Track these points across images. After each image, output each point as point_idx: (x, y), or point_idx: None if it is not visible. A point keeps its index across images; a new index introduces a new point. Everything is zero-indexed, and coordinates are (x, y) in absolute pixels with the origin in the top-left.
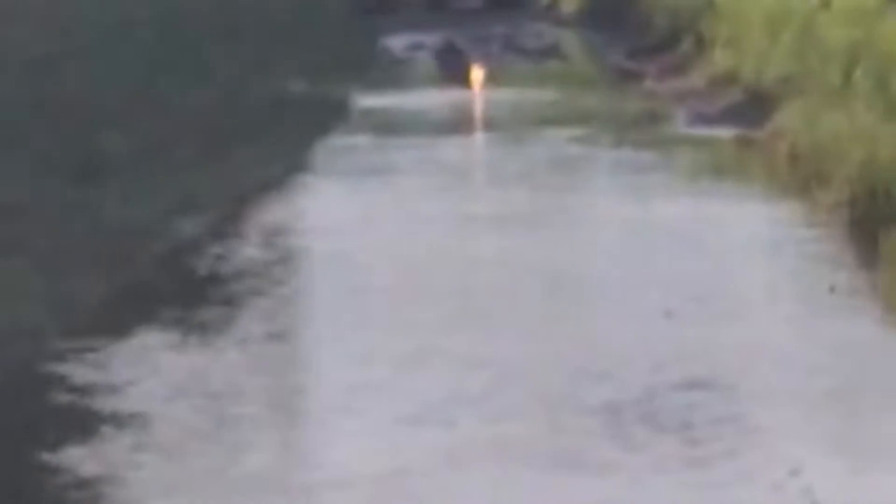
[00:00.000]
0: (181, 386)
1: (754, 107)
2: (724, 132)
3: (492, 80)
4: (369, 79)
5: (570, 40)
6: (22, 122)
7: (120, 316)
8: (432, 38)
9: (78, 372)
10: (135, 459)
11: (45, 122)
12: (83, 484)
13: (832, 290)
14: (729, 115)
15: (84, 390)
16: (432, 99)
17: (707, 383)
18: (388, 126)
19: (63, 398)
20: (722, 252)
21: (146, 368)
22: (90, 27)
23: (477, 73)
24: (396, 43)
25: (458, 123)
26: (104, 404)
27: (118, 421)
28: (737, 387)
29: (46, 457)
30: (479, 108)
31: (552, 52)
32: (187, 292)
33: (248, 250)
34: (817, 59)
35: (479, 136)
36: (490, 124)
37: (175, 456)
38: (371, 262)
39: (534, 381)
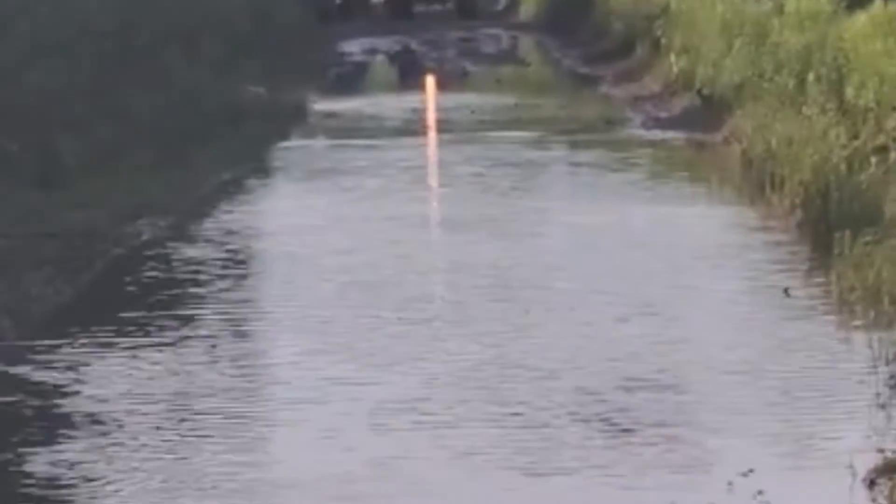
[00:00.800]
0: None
1: (709, 111)
2: (679, 136)
3: (448, 84)
4: (326, 83)
5: (526, 45)
6: None
7: (76, 318)
8: (389, 43)
9: (34, 371)
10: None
11: (3, 126)
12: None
13: (786, 292)
14: (684, 120)
15: (37, 387)
16: (388, 103)
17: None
18: (344, 130)
19: (22, 404)
20: (676, 256)
21: (100, 367)
22: (47, 33)
23: (433, 78)
24: (354, 48)
25: (414, 127)
26: (59, 402)
27: (75, 420)
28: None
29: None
30: (434, 112)
31: (509, 56)
32: (144, 294)
33: (205, 252)
34: (771, 63)
35: (435, 140)
36: (445, 128)
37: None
38: (325, 263)
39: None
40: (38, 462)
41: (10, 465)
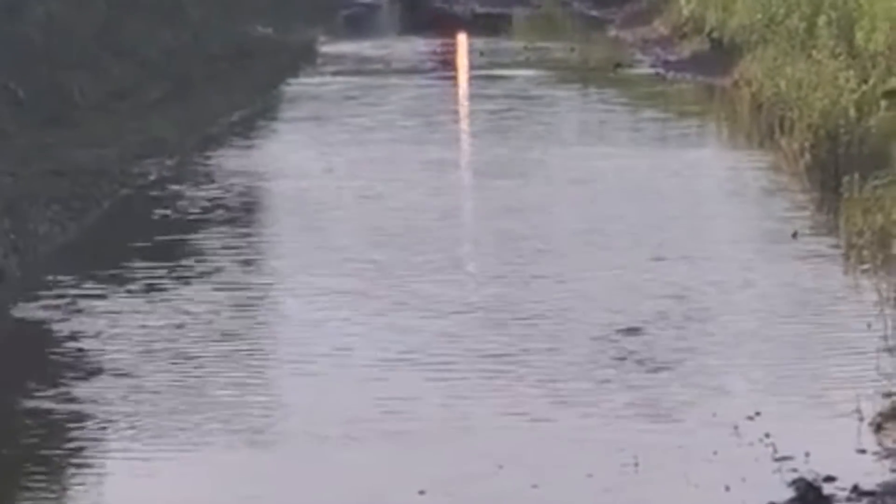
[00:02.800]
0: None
1: (718, 55)
2: (689, 79)
3: (457, 28)
4: (336, 25)
5: None
6: None
7: (81, 256)
8: None
9: (42, 311)
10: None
11: (12, 64)
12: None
13: (795, 235)
14: (693, 64)
15: (42, 322)
16: (399, 46)
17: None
18: (353, 72)
19: (26, 338)
20: (691, 200)
21: (117, 306)
22: None
23: (442, 21)
24: None
25: (425, 68)
26: (75, 343)
27: (96, 357)
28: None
29: (16, 400)
30: (444, 55)
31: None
32: (148, 234)
33: (212, 192)
34: (781, 7)
35: (448, 79)
36: (457, 68)
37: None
38: (328, 201)
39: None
40: (45, 396)
41: (16, 397)
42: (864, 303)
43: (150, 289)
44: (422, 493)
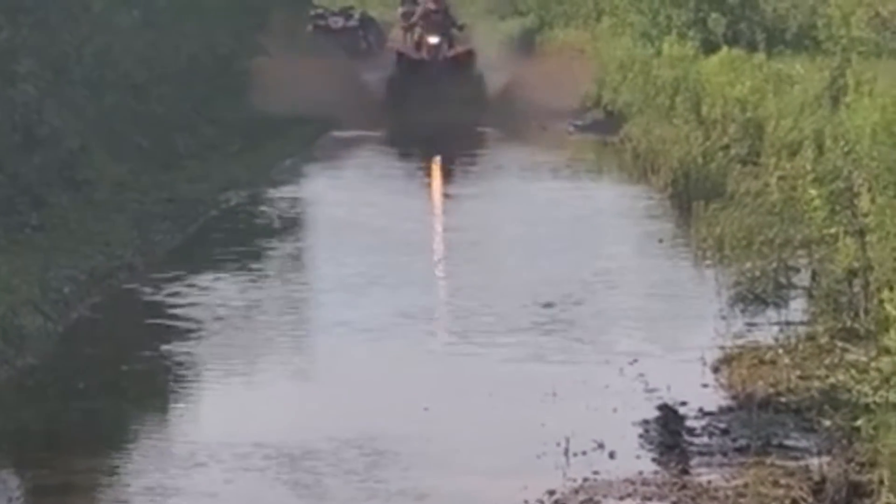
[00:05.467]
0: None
1: (611, 121)
2: (591, 137)
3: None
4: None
5: None
6: (127, 128)
7: (185, 255)
8: None
9: (163, 293)
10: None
11: (140, 128)
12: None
13: (661, 241)
14: (594, 126)
15: (170, 305)
16: None
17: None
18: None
19: (154, 311)
20: (586, 214)
21: (210, 288)
22: (170, 62)
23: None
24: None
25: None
26: (187, 314)
27: (197, 322)
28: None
29: (153, 350)
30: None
31: None
32: (231, 239)
33: (273, 212)
34: (652, 90)
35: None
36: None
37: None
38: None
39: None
40: (160, 348)
41: (142, 348)
42: (706, 286)
43: (233, 277)
44: (425, 409)
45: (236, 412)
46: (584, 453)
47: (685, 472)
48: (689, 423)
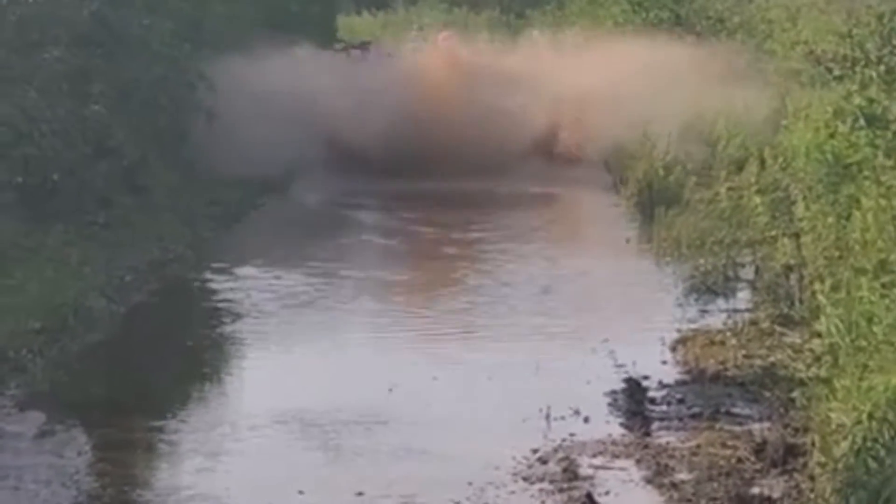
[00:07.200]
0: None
1: None
2: None
3: None
4: None
5: None
6: (177, 143)
7: (229, 248)
8: None
9: (210, 281)
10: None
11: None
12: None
13: (628, 241)
14: None
15: (217, 292)
16: None
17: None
18: None
19: (203, 297)
20: (564, 217)
21: (253, 277)
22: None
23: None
24: None
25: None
26: (232, 299)
27: (243, 308)
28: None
29: (202, 330)
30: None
31: None
32: (269, 233)
33: (300, 213)
34: None
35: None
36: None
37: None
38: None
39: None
40: (211, 327)
41: (195, 327)
42: (666, 279)
43: (271, 265)
44: (435, 379)
45: (276, 387)
46: (562, 418)
47: (647, 434)
48: (651, 393)
